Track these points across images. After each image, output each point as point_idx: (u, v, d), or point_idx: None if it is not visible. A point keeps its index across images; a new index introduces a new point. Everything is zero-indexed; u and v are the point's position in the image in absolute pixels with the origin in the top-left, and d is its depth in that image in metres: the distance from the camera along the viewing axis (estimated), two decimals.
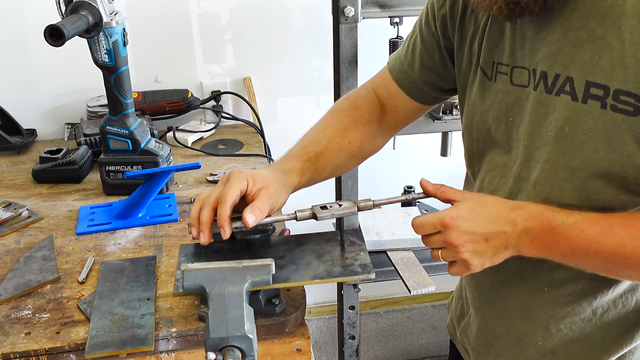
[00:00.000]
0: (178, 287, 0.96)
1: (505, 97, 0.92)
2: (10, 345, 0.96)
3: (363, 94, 1.18)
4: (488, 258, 0.86)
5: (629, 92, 0.76)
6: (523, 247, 0.84)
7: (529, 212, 0.84)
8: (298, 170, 1.06)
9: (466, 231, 0.84)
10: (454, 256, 0.87)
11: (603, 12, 0.78)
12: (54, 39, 1.14)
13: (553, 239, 0.82)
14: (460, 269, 0.89)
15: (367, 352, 2.59)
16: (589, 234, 0.80)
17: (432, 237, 0.89)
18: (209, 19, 1.90)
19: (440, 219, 0.86)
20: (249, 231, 1.07)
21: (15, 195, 1.48)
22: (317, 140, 1.11)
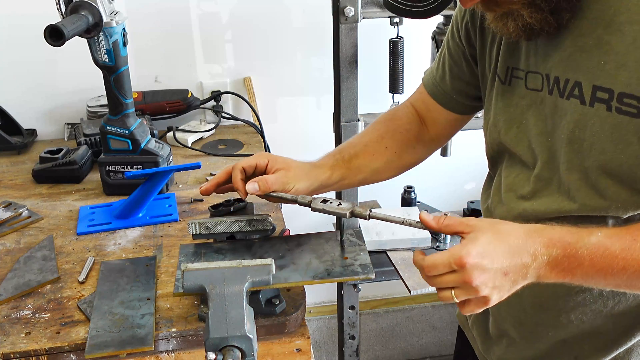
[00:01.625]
0: (178, 287, 0.96)
1: (520, 101, 0.96)
2: (10, 345, 0.96)
3: (402, 108, 1.22)
4: (506, 291, 0.82)
5: (632, 94, 0.79)
6: (544, 274, 0.81)
7: (549, 238, 0.81)
8: (329, 166, 1.10)
9: (485, 269, 0.79)
10: (471, 294, 0.81)
11: (608, 19, 0.81)
12: (54, 39, 1.14)
13: (576, 262, 0.80)
14: (477, 306, 0.83)
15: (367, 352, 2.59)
16: (613, 251, 0.79)
17: (445, 277, 0.81)
18: (209, 19, 1.90)
19: (456, 258, 0.79)
20: (249, 231, 1.07)
21: (15, 195, 1.48)
22: (353, 144, 1.16)
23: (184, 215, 1.36)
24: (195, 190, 1.48)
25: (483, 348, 1.14)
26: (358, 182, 1.15)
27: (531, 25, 0.85)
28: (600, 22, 0.82)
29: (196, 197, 1.43)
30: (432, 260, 0.81)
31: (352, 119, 1.65)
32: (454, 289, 0.81)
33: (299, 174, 1.06)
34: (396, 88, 1.69)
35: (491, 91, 1.03)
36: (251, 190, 1.01)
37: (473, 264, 0.78)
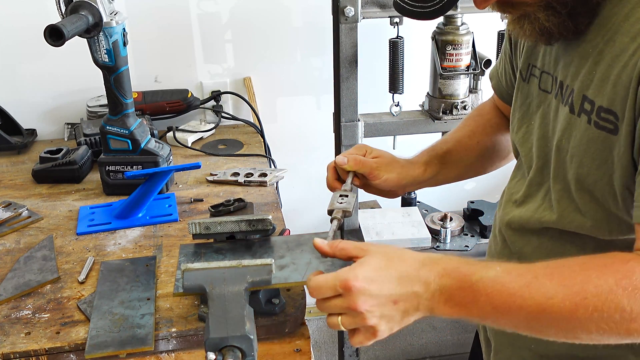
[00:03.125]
0: (178, 287, 0.96)
1: (533, 100, 0.95)
2: (10, 345, 0.96)
3: (487, 103, 1.22)
4: (396, 322, 0.77)
5: (609, 109, 0.75)
6: (437, 307, 0.76)
7: (443, 267, 0.76)
8: (422, 162, 1.10)
9: (372, 295, 0.74)
10: (358, 323, 0.76)
11: (608, 28, 0.78)
12: (54, 39, 1.14)
13: (472, 296, 0.74)
14: (366, 337, 0.78)
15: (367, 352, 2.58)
16: (512, 287, 0.73)
17: (331, 301, 0.77)
18: (209, 19, 1.90)
19: (342, 281, 0.75)
20: (249, 231, 1.07)
21: (15, 195, 1.48)
22: (445, 140, 1.16)
23: (184, 215, 1.36)
24: (195, 190, 1.48)
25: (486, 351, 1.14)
26: (453, 177, 1.14)
27: (549, 29, 0.82)
28: (602, 30, 0.79)
29: (196, 197, 1.43)
30: (317, 281, 0.77)
31: (352, 119, 1.65)
32: (342, 316, 0.77)
33: (392, 165, 1.07)
34: (396, 88, 1.69)
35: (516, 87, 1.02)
36: (339, 161, 1.04)
37: (359, 288, 0.74)
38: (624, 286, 0.69)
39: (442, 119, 1.70)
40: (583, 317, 0.70)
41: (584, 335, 0.72)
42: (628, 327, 0.69)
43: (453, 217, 1.81)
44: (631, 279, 0.69)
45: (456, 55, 1.64)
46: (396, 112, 1.72)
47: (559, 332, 0.74)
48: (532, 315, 0.72)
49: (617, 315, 0.69)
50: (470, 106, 1.70)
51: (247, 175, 1.50)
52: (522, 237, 0.97)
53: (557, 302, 0.70)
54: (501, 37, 1.68)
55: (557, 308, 0.70)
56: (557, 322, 0.72)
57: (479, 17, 1.66)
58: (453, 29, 1.63)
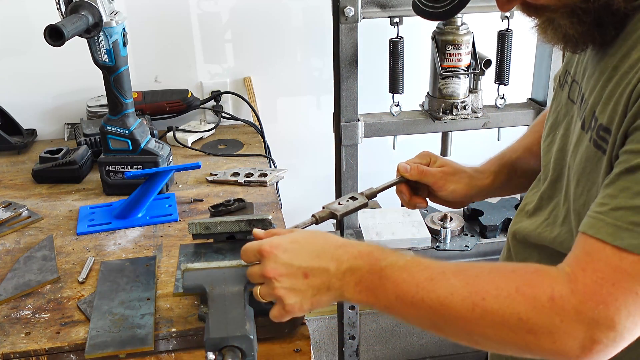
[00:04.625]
0: (178, 287, 0.96)
1: (562, 109, 0.91)
2: (10, 345, 0.96)
3: None
4: (307, 298, 0.77)
5: (607, 128, 0.73)
6: (347, 289, 0.76)
7: (358, 250, 0.77)
8: (492, 171, 1.07)
9: (283, 263, 0.76)
10: (270, 293, 0.77)
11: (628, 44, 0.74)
12: (54, 39, 1.14)
13: (379, 281, 0.74)
14: (278, 310, 0.79)
15: (367, 352, 2.59)
16: (417, 278, 0.72)
17: (252, 269, 0.81)
18: (209, 19, 1.90)
19: (258, 245, 0.78)
20: (249, 231, 1.07)
21: (15, 195, 1.48)
22: (514, 148, 1.11)
23: (184, 215, 1.36)
24: (195, 190, 1.48)
25: None
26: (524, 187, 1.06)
27: (573, 37, 0.77)
28: (623, 45, 0.74)
29: (196, 197, 1.43)
30: (245, 245, 0.81)
31: (352, 119, 1.65)
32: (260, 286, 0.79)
33: (459, 175, 1.04)
34: (396, 88, 1.69)
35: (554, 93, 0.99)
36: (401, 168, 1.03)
37: (271, 254, 0.76)
38: (523, 293, 0.67)
39: (442, 119, 1.70)
40: (480, 318, 0.68)
41: (483, 340, 0.71)
42: (524, 338, 0.67)
43: (453, 217, 1.81)
44: (533, 288, 0.67)
45: (456, 55, 1.64)
46: (396, 112, 1.72)
47: (459, 333, 0.72)
48: (433, 309, 0.71)
49: (513, 322, 0.67)
50: (470, 106, 1.69)
51: (247, 175, 1.50)
52: (524, 249, 0.95)
53: (456, 298, 0.69)
54: (501, 37, 1.68)
55: (456, 305, 0.69)
56: (456, 320, 0.70)
57: (479, 17, 1.66)
58: (453, 29, 1.63)
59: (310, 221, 0.98)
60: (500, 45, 1.69)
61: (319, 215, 0.98)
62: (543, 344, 0.66)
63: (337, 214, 0.98)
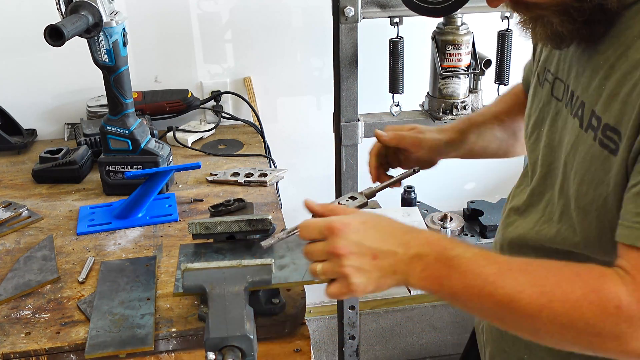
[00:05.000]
0: (178, 287, 0.96)
1: (545, 106, 0.92)
2: (10, 345, 0.96)
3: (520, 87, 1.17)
4: (372, 280, 0.77)
5: (614, 128, 0.73)
6: (412, 274, 0.76)
7: (425, 237, 0.78)
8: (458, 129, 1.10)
9: (354, 242, 0.76)
10: (336, 270, 0.77)
11: (622, 41, 0.75)
12: (54, 39, 1.14)
13: (447, 271, 0.74)
14: (339, 289, 0.78)
15: (367, 352, 2.59)
16: (485, 272, 0.73)
17: (315, 245, 0.79)
18: (209, 19, 1.90)
19: (328, 222, 0.77)
20: (249, 231, 1.07)
21: (15, 195, 1.48)
22: (482, 113, 1.15)
23: (184, 215, 1.36)
24: (195, 190, 1.48)
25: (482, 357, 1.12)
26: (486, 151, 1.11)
27: (561, 34, 0.78)
28: (615, 43, 0.75)
29: (196, 197, 1.43)
30: (307, 221, 0.80)
31: (352, 119, 1.65)
32: (322, 263, 0.79)
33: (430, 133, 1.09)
34: (396, 88, 1.69)
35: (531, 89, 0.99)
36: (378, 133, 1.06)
37: (343, 232, 0.76)
38: (590, 300, 0.68)
39: (442, 119, 1.70)
40: (547, 319, 0.70)
41: (547, 337, 0.72)
42: (591, 340, 0.69)
43: (453, 217, 1.81)
44: (600, 294, 0.68)
45: (456, 55, 1.64)
46: (396, 112, 1.72)
47: (524, 329, 0.74)
48: (500, 304, 0.72)
49: (580, 326, 0.69)
50: (470, 106, 1.69)
51: (247, 175, 1.50)
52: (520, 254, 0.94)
53: (525, 297, 0.70)
54: (501, 37, 1.68)
55: (524, 303, 0.70)
56: (522, 317, 0.72)
57: (479, 17, 1.66)
58: (453, 29, 1.63)
59: None
60: (500, 45, 1.69)
61: None
62: (609, 346, 0.69)
63: None
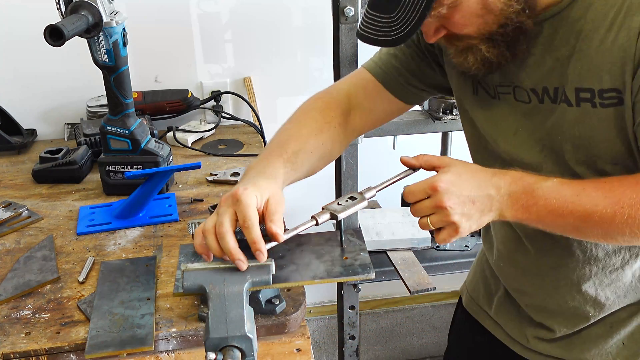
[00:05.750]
0: (178, 287, 0.96)
1: (513, 112, 1.01)
2: (10, 345, 0.96)
3: (335, 96, 1.17)
4: (475, 220, 0.90)
5: (610, 88, 0.87)
6: (506, 209, 0.90)
7: (511, 176, 0.90)
8: (282, 174, 1.02)
9: (455, 193, 0.88)
10: (444, 220, 0.89)
11: (578, 30, 0.89)
12: (54, 39, 1.14)
13: (532, 200, 0.88)
14: (449, 233, 0.91)
15: (367, 352, 2.59)
16: (564, 195, 0.88)
17: (422, 204, 0.91)
18: (209, 19, 1.90)
19: (430, 183, 0.89)
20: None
21: (15, 195, 1.48)
22: (294, 138, 1.10)
23: (184, 215, 1.36)
24: (195, 190, 1.48)
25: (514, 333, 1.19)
26: (298, 178, 1.10)
27: (489, 59, 0.92)
28: (573, 34, 0.90)
29: (196, 197, 1.43)
30: (411, 186, 0.92)
31: None
32: (430, 216, 0.90)
33: (275, 191, 0.97)
34: None
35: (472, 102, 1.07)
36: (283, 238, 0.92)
37: (444, 188, 0.88)
38: None
39: (442, 119, 1.70)
40: (619, 222, 0.85)
41: (620, 237, 0.88)
42: None
43: None
44: None
45: None
46: None
47: (600, 235, 0.89)
48: (580, 219, 0.87)
49: None
50: None
51: None
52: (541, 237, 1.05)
53: (600, 209, 0.86)
54: None
55: (600, 214, 0.86)
56: (599, 225, 0.87)
57: None
58: None
59: (310, 223, 0.97)
60: None
61: (319, 217, 0.98)
62: None
63: (337, 215, 0.98)
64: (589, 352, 1.10)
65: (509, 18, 0.88)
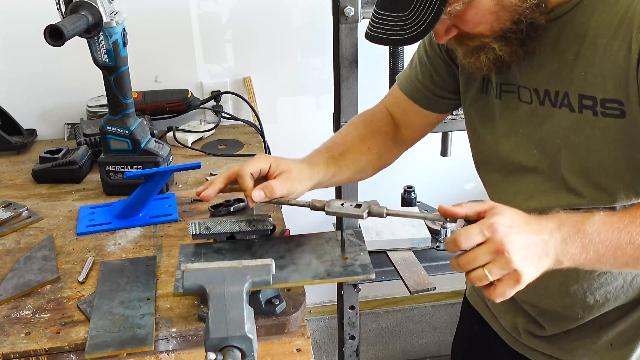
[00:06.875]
0: (178, 287, 0.96)
1: (514, 112, 1.01)
2: (10, 345, 0.96)
3: (378, 111, 1.25)
4: (534, 267, 0.82)
5: (612, 99, 0.87)
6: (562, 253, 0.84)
7: (558, 219, 0.85)
8: (323, 164, 1.11)
9: (515, 236, 0.80)
10: (504, 267, 0.80)
11: (582, 35, 0.89)
12: (54, 39, 1.14)
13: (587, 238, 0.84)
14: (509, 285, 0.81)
15: (367, 352, 2.59)
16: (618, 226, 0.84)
17: (476, 251, 0.81)
18: (209, 19, 1.90)
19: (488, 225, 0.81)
20: (249, 231, 1.07)
21: (15, 195, 1.48)
22: (338, 143, 1.18)
23: (184, 215, 1.36)
24: (195, 190, 1.48)
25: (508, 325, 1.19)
26: (344, 180, 1.18)
27: (502, 58, 0.91)
28: (577, 39, 0.89)
29: (196, 197, 1.43)
30: (464, 230, 0.82)
31: None
32: (487, 266, 0.80)
33: (299, 174, 1.06)
34: None
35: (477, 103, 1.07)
36: (257, 198, 1.00)
37: (505, 229, 0.80)
38: None
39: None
40: None
41: None
42: None
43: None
44: None
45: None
46: None
47: None
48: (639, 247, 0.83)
49: None
50: None
51: None
52: None
53: None
54: None
55: None
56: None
57: None
58: None
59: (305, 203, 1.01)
60: None
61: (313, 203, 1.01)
62: None
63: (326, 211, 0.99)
64: (577, 351, 1.10)
65: (522, 14, 0.86)
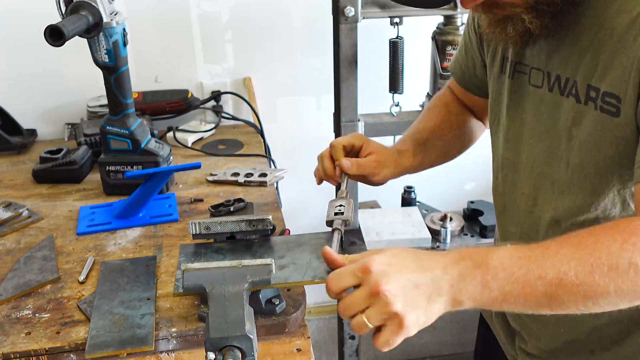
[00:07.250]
0: (178, 287, 0.96)
1: (523, 97, 0.97)
2: (11, 345, 0.96)
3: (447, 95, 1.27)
4: (422, 310, 0.73)
5: (612, 93, 0.81)
6: (459, 292, 0.74)
7: (456, 252, 0.76)
8: (411, 152, 1.15)
9: (392, 275, 0.72)
10: (383, 311, 0.71)
11: (602, 20, 0.82)
12: (54, 39, 1.14)
13: (490, 273, 0.73)
14: (392, 331, 0.72)
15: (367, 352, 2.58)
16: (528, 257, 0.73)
17: (352, 295, 0.74)
18: (209, 19, 1.90)
19: (360, 265, 0.73)
20: (249, 231, 1.07)
21: (15, 195, 1.48)
22: (420, 129, 1.22)
23: (184, 215, 1.36)
24: (195, 190, 1.48)
25: (507, 341, 1.17)
26: (429, 164, 1.21)
27: (530, 31, 0.84)
28: (596, 22, 0.83)
29: (196, 197, 1.43)
30: (336, 272, 0.76)
31: (352, 119, 1.65)
32: (366, 311, 0.72)
33: (388, 160, 1.12)
34: (396, 88, 1.69)
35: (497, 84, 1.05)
36: (345, 166, 1.08)
37: (379, 269, 0.72)
38: (632, 242, 0.70)
39: None
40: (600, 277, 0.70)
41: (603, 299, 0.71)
42: None
43: (453, 217, 1.81)
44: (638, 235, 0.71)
45: None
46: (396, 112, 1.73)
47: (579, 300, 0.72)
48: (552, 282, 0.71)
49: (632, 271, 0.70)
50: None
51: (247, 175, 1.50)
52: None
53: (574, 265, 0.70)
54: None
55: (575, 272, 0.70)
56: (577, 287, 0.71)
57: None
58: (453, 29, 1.63)
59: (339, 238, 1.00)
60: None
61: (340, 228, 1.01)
62: None
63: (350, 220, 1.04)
64: None
65: None
